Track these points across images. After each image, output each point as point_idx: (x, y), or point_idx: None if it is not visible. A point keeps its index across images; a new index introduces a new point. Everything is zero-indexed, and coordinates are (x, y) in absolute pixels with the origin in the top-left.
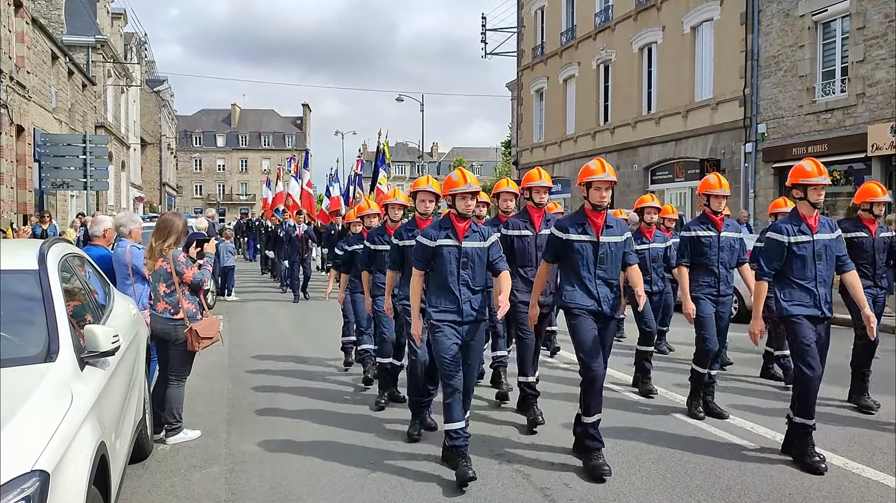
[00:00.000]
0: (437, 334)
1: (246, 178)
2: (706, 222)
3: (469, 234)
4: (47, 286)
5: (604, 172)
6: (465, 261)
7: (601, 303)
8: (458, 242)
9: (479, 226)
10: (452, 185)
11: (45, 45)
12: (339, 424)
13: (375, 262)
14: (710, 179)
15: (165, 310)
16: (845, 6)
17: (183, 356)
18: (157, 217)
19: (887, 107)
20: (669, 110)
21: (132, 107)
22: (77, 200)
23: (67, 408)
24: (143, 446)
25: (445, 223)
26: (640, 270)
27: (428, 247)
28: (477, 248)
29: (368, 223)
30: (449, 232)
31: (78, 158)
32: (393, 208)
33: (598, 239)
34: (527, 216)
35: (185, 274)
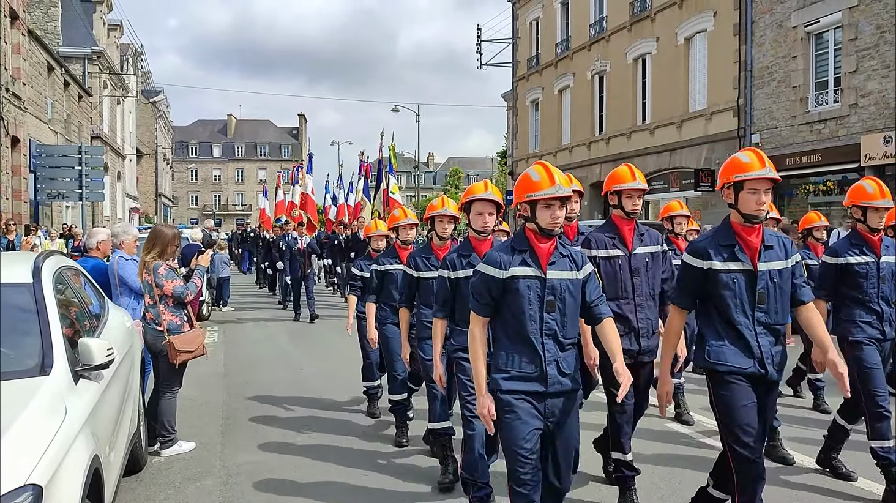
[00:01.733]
0: (507, 415)
1: (242, 188)
2: (860, 243)
3: (555, 258)
4: (42, 299)
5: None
6: (550, 299)
7: (764, 363)
8: (540, 272)
9: (568, 245)
10: (532, 188)
11: (40, 56)
12: (333, 435)
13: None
14: (867, 187)
15: (151, 321)
16: (837, 17)
17: (169, 368)
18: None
19: (880, 117)
20: (664, 120)
21: (128, 117)
22: (72, 211)
23: (61, 422)
24: (137, 459)
25: (521, 243)
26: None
27: (497, 279)
28: (568, 281)
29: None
30: (526, 256)
31: (73, 169)
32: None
33: (756, 268)
34: (614, 230)
35: (164, 286)
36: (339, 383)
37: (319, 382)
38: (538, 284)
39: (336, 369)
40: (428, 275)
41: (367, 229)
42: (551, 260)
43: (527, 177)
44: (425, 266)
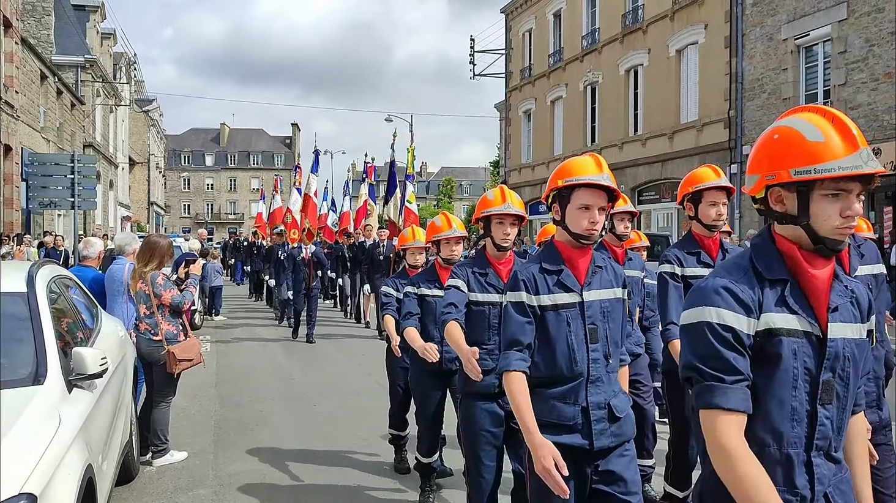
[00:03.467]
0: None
1: (235, 196)
2: None
3: (593, 273)
4: (35, 309)
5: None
6: (592, 327)
7: None
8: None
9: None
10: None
11: (33, 64)
12: (326, 444)
13: None
14: None
15: (146, 331)
16: (827, 31)
17: (165, 377)
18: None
19: (868, 129)
20: (656, 132)
21: (121, 126)
22: (64, 220)
23: (55, 432)
24: (129, 468)
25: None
26: None
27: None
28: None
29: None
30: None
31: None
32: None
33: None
34: (694, 244)
35: (162, 296)
36: (331, 392)
37: (312, 391)
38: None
39: (328, 378)
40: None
41: (403, 239)
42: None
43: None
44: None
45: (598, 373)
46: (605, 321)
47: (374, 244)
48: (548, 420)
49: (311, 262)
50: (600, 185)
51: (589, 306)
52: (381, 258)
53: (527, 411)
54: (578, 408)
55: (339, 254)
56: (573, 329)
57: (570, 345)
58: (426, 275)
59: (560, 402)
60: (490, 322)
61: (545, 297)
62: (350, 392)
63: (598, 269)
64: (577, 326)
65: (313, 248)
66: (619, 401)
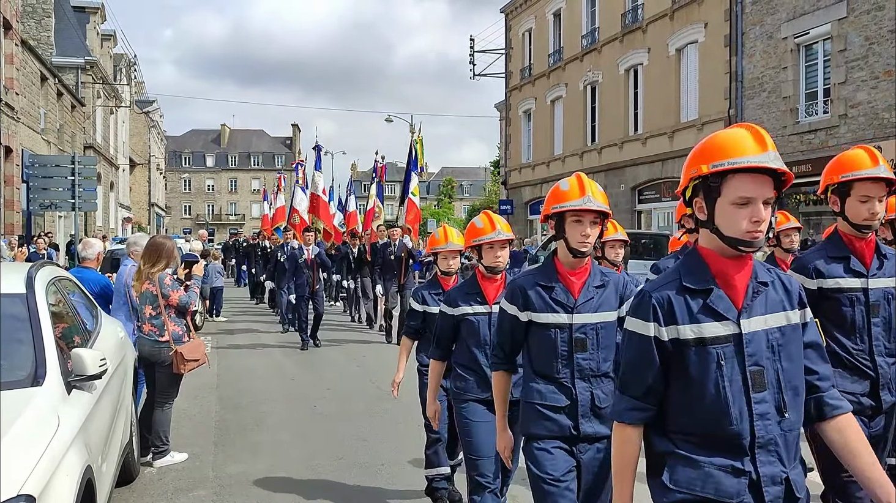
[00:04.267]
0: None
1: (235, 198)
2: None
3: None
4: (35, 310)
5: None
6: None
7: None
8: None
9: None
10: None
11: (34, 66)
12: (326, 446)
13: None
14: None
15: (151, 332)
16: (827, 29)
17: (169, 378)
18: None
19: (869, 127)
20: (656, 131)
21: (121, 127)
22: (65, 221)
23: (54, 433)
24: (129, 469)
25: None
26: None
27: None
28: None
29: (493, 261)
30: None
31: (66, 179)
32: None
33: None
34: (843, 247)
35: (170, 297)
36: (331, 393)
37: (312, 392)
38: None
39: (328, 379)
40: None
41: (434, 241)
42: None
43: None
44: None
45: (769, 433)
46: (774, 359)
47: (385, 244)
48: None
49: (314, 264)
50: (766, 167)
51: (750, 340)
52: (393, 258)
53: None
54: (745, 480)
55: (346, 256)
56: (726, 372)
57: (723, 395)
58: (466, 288)
59: (718, 471)
60: (559, 350)
61: (686, 329)
62: (350, 393)
63: (762, 287)
64: (733, 368)
65: (316, 250)
66: (798, 476)
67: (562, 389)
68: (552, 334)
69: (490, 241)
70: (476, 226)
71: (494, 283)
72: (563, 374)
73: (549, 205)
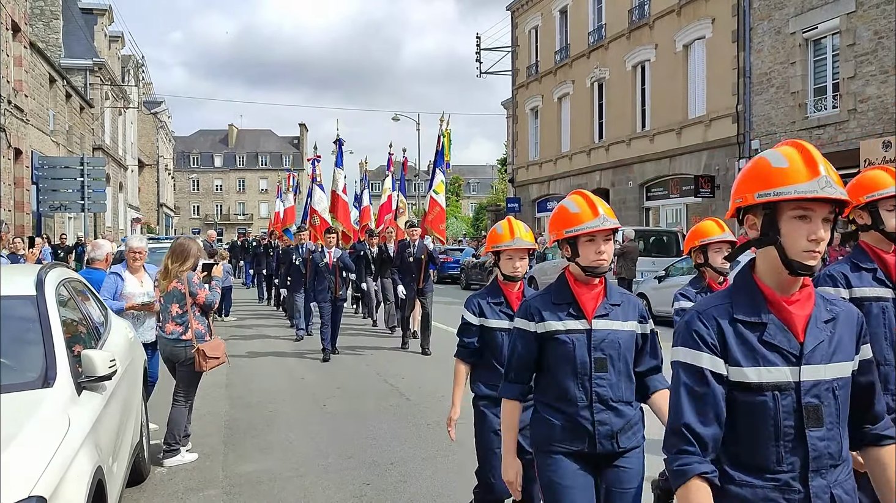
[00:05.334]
0: None
1: (243, 198)
2: None
3: None
4: (45, 311)
5: None
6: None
7: None
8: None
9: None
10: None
11: (42, 68)
12: (336, 444)
13: None
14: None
15: (174, 331)
16: (835, 23)
17: (190, 376)
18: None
19: (879, 122)
20: (663, 127)
21: (129, 128)
22: (75, 222)
23: (64, 434)
24: (140, 469)
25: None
26: None
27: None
28: None
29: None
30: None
31: (75, 181)
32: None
33: None
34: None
35: (198, 295)
36: (340, 392)
37: (322, 392)
38: None
39: (339, 379)
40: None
41: (495, 237)
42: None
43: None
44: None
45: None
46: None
47: (405, 244)
48: None
49: (336, 269)
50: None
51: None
52: (412, 260)
53: None
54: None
55: (362, 255)
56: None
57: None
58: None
59: None
60: (578, 369)
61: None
62: (359, 392)
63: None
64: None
65: (339, 253)
66: None
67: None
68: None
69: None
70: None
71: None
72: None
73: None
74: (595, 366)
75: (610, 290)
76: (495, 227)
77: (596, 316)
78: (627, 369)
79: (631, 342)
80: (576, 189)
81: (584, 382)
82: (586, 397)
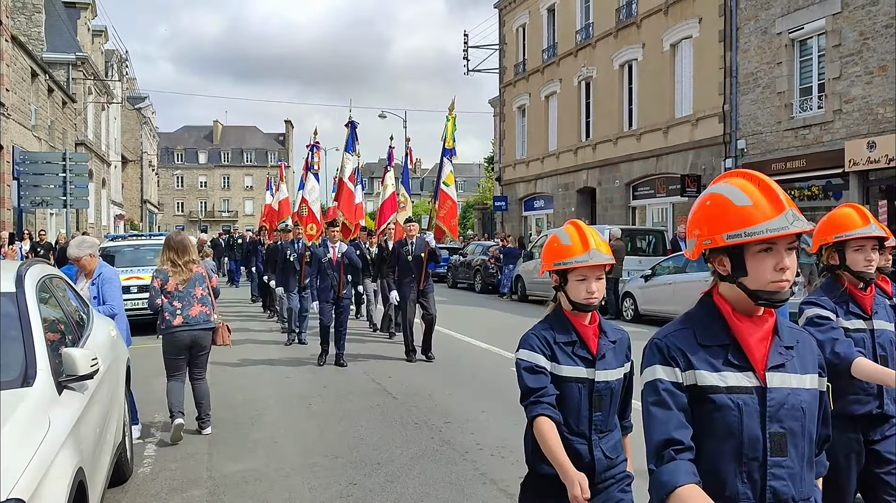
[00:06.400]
0: None
1: (228, 194)
2: None
3: None
4: (24, 309)
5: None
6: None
7: None
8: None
9: None
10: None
11: (24, 62)
12: (322, 444)
13: None
14: None
15: (202, 312)
16: (821, 24)
17: (207, 355)
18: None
19: (864, 123)
20: (650, 126)
21: (113, 124)
22: (57, 218)
23: (44, 434)
24: (122, 470)
25: None
26: None
27: None
28: None
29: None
30: None
31: (58, 176)
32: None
33: None
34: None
35: (213, 278)
36: (326, 391)
37: (307, 391)
38: None
39: (324, 378)
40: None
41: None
42: None
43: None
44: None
45: None
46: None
47: (401, 242)
48: None
49: (340, 265)
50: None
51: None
52: (411, 258)
53: None
54: None
55: (360, 254)
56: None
57: None
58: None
59: None
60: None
61: None
62: (345, 391)
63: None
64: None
65: (344, 247)
66: None
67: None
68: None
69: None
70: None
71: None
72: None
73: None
74: (771, 447)
75: (780, 327)
76: (555, 235)
77: (770, 367)
78: (811, 451)
79: (815, 406)
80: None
81: (752, 472)
82: (755, 495)
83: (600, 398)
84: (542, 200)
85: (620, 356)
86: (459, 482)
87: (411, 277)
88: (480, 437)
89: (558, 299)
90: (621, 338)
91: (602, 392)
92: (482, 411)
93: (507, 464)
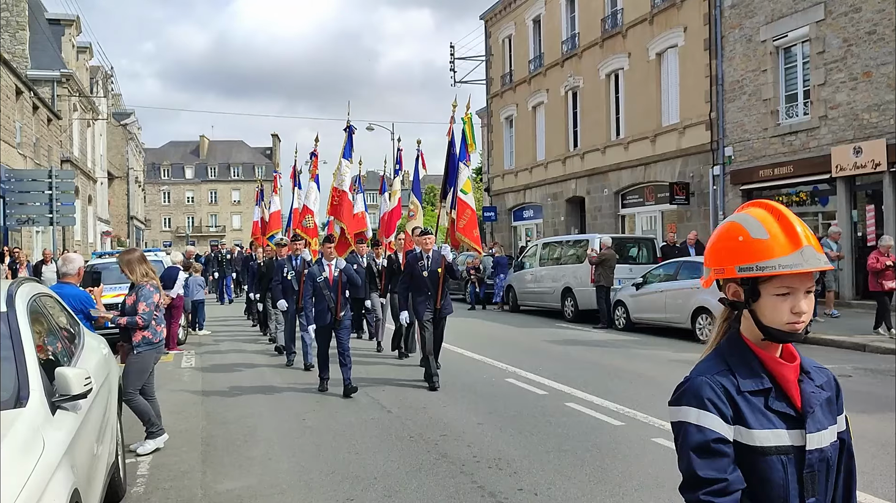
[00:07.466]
0: None
1: (215, 209)
2: None
3: None
4: (16, 329)
5: None
6: None
7: None
8: None
9: None
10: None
11: (9, 79)
12: (317, 459)
13: None
14: None
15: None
16: (805, 31)
17: None
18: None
19: (849, 128)
20: (638, 135)
21: (98, 140)
22: (43, 236)
23: (39, 456)
24: (116, 489)
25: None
26: None
27: None
28: None
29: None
30: None
31: (43, 194)
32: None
33: None
34: None
35: None
36: (320, 405)
37: (301, 406)
38: None
39: (316, 391)
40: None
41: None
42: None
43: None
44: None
45: None
46: None
47: (416, 256)
48: None
49: (338, 284)
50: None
51: None
52: (426, 274)
53: None
54: None
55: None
56: None
57: None
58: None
59: None
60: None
61: None
62: (339, 405)
63: None
64: None
65: (342, 264)
66: None
67: None
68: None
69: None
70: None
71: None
72: None
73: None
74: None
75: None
76: (736, 223)
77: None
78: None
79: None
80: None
81: None
82: None
83: (814, 476)
84: (531, 210)
85: (832, 408)
86: (458, 495)
87: (427, 295)
88: (477, 450)
89: (733, 323)
90: (828, 380)
91: (816, 467)
92: (478, 423)
93: (505, 476)
